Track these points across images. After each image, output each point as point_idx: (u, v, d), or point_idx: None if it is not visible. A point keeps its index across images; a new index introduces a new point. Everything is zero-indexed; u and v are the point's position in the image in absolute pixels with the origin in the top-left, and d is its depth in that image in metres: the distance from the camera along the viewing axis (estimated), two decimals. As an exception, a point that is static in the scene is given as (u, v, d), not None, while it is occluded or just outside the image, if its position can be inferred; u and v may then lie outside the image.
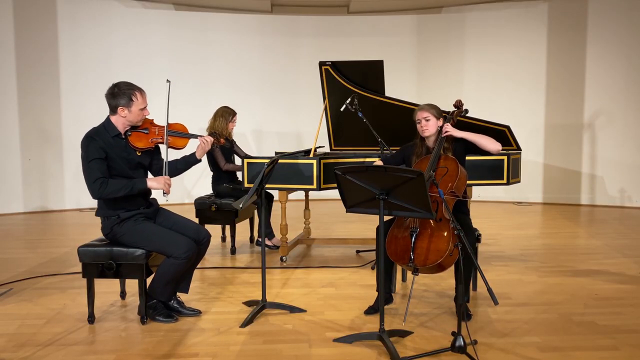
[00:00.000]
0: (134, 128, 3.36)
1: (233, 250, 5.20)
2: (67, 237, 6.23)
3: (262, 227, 3.66)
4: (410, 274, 3.67)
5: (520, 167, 4.90)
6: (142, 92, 3.32)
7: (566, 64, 8.21)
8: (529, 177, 7.97)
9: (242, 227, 6.01)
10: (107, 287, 3.89)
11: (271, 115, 8.77)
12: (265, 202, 3.90)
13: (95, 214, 3.39)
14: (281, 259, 4.85)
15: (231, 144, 5.41)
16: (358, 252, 5.20)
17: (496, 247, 5.38)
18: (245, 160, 4.66)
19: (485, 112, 6.24)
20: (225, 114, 5.31)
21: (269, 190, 5.03)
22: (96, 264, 3.29)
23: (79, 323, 3.37)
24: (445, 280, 4.17)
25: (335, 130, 5.33)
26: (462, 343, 2.76)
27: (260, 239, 4.79)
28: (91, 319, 3.35)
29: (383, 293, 3.04)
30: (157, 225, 3.40)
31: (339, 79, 5.03)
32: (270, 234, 5.43)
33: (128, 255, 3.28)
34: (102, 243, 3.36)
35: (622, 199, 8.06)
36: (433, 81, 8.76)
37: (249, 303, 3.69)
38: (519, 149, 4.84)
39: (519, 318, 3.41)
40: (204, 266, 4.71)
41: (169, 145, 3.39)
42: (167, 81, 3.49)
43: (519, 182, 4.86)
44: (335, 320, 3.39)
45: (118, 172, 3.28)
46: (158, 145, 3.50)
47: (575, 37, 8.13)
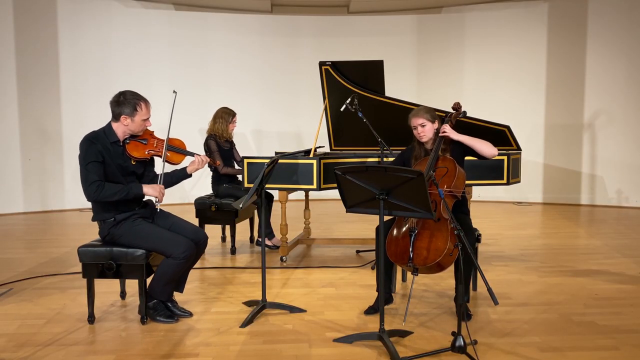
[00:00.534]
0: (133, 137, 3.38)
1: (233, 250, 5.21)
2: (67, 237, 6.23)
3: (262, 227, 3.66)
4: (410, 274, 3.67)
5: (520, 167, 4.90)
6: (147, 103, 3.34)
7: (566, 64, 8.22)
8: (529, 177, 7.97)
9: (242, 227, 6.01)
10: (107, 287, 3.90)
11: (271, 115, 8.77)
12: (265, 202, 3.90)
13: (92, 220, 3.40)
14: (281, 259, 4.85)
15: (231, 145, 5.41)
16: (358, 252, 5.20)
17: (496, 247, 5.38)
18: (245, 160, 4.66)
19: (485, 112, 6.25)
20: (225, 115, 5.30)
21: (269, 190, 5.03)
22: (96, 264, 3.30)
23: (79, 323, 3.37)
24: (445, 280, 4.17)
25: (335, 130, 5.33)
26: (462, 343, 2.76)
27: (260, 239, 4.79)
28: (91, 319, 3.35)
29: (383, 293, 3.04)
30: (155, 225, 3.40)
31: (339, 79, 5.03)
32: (270, 234, 5.43)
33: (128, 256, 3.28)
34: (102, 243, 3.36)
35: (622, 199, 8.06)
36: (433, 81, 8.76)
37: (249, 303, 3.69)
38: (519, 149, 4.84)
39: (519, 318, 3.41)
40: (203, 266, 4.71)
41: (166, 160, 3.43)
42: (174, 92, 3.50)
43: (519, 182, 4.86)
44: (335, 320, 3.39)
45: (111, 178, 3.28)
46: (153, 158, 3.51)
47: (575, 37, 8.14)
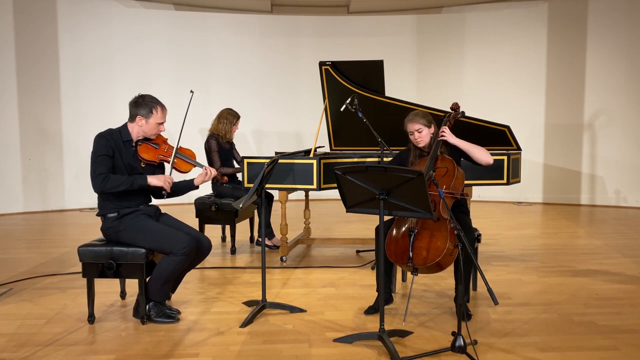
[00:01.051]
0: (146, 140, 3.43)
1: (233, 250, 5.21)
2: (67, 237, 6.23)
3: (262, 227, 3.66)
4: (410, 274, 3.67)
5: (520, 167, 4.90)
6: (163, 108, 3.42)
7: (566, 63, 8.22)
8: (529, 177, 7.97)
9: (242, 227, 6.01)
10: (107, 287, 3.90)
11: (271, 115, 8.77)
12: (265, 202, 3.90)
13: (96, 215, 3.42)
14: (281, 259, 4.85)
15: (231, 145, 5.41)
16: (358, 252, 5.20)
17: (496, 247, 5.38)
18: (245, 160, 4.66)
19: (485, 112, 6.26)
20: (230, 117, 5.30)
21: (269, 190, 5.03)
22: (96, 264, 3.30)
23: (79, 323, 3.37)
24: (445, 280, 4.17)
25: (335, 130, 5.33)
26: (462, 343, 2.76)
27: (260, 239, 4.79)
28: (91, 319, 3.35)
29: (383, 293, 3.04)
30: (157, 222, 3.41)
31: (339, 79, 5.03)
32: (270, 234, 5.43)
33: (128, 255, 3.28)
34: (102, 243, 3.36)
35: (622, 199, 8.06)
36: (433, 81, 8.76)
37: (249, 303, 3.69)
38: (519, 149, 4.84)
39: (519, 318, 3.41)
40: (204, 266, 4.71)
41: (173, 166, 3.46)
42: (191, 92, 3.52)
43: (519, 182, 4.86)
44: (335, 320, 3.39)
45: (120, 174, 3.33)
46: (163, 164, 3.55)
47: (575, 37, 8.14)
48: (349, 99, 4.71)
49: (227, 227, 5.53)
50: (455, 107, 3.64)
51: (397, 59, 8.51)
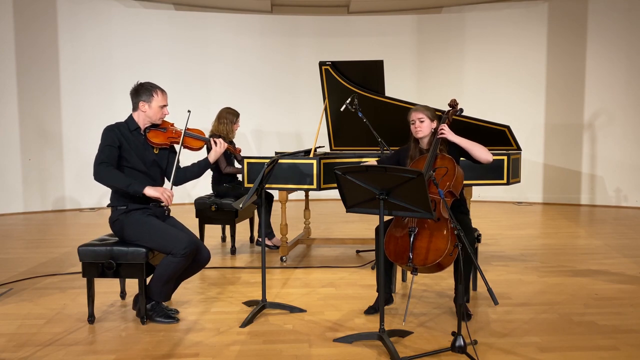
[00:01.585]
0: (154, 127, 3.46)
1: (233, 250, 5.21)
2: (67, 237, 6.23)
3: (262, 227, 3.66)
4: (410, 274, 3.67)
5: (520, 167, 4.90)
6: (163, 91, 3.47)
7: (566, 64, 8.22)
8: (529, 177, 7.98)
9: (242, 227, 6.02)
10: (107, 287, 3.90)
11: (271, 115, 8.77)
12: (265, 202, 3.90)
13: (107, 206, 3.46)
14: (281, 259, 4.85)
15: (232, 145, 5.41)
16: (358, 252, 5.20)
17: (496, 247, 5.38)
18: (245, 160, 4.66)
19: (485, 112, 6.27)
20: (230, 116, 5.28)
21: (269, 190, 5.03)
22: (96, 264, 3.30)
23: (79, 323, 3.37)
24: (445, 280, 4.17)
25: (335, 130, 5.33)
26: (462, 343, 2.76)
27: (260, 239, 4.79)
28: (91, 319, 3.35)
29: (383, 293, 3.04)
30: (162, 222, 3.41)
31: (339, 79, 5.03)
32: (270, 234, 5.43)
33: (128, 255, 3.28)
34: (102, 243, 3.36)
35: (622, 199, 8.06)
36: (433, 81, 8.76)
37: (249, 303, 3.69)
38: (519, 149, 4.84)
39: (519, 318, 3.41)
40: (204, 266, 4.71)
41: (184, 144, 3.49)
42: (188, 111, 3.56)
43: (519, 182, 4.86)
44: (335, 320, 3.39)
45: (132, 164, 3.34)
46: (174, 147, 3.57)
47: (575, 37, 8.14)
48: (349, 99, 4.71)
49: (227, 227, 5.53)
50: (453, 103, 3.63)
51: (397, 59, 8.51)
